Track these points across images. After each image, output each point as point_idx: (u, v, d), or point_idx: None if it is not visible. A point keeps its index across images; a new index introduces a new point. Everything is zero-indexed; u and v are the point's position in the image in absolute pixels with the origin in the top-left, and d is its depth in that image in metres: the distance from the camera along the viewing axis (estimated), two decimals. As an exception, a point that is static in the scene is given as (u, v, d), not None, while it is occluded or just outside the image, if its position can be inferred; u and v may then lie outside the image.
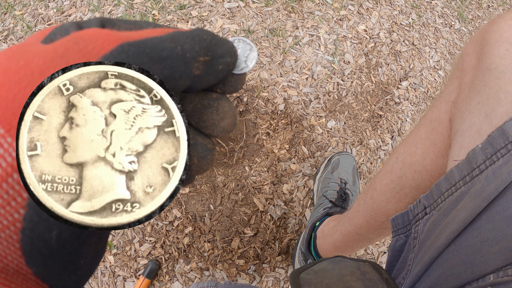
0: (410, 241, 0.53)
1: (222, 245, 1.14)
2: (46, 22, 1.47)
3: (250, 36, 1.41)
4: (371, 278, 0.43)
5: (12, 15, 1.49)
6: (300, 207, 1.20)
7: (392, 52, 1.47)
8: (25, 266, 0.20)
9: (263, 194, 1.19)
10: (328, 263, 0.50)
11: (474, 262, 0.39)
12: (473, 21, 1.66)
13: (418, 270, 0.47)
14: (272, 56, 1.38)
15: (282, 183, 1.22)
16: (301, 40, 1.43)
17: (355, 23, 1.50)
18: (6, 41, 1.44)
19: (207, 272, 1.12)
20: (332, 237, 0.94)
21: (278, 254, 1.15)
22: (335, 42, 1.44)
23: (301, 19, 1.47)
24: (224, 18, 1.44)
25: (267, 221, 1.17)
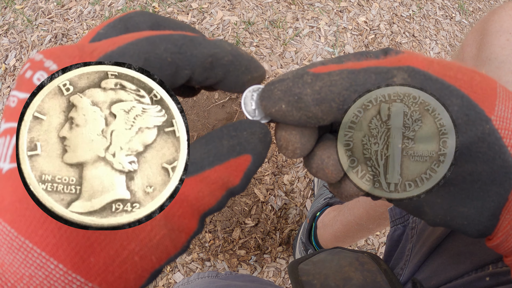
0: (408, 231, 0.53)
1: (223, 235, 1.15)
2: (46, 16, 1.46)
3: (250, 27, 1.40)
4: (370, 269, 0.44)
5: (12, 9, 1.48)
6: (300, 198, 1.21)
7: (392, 44, 1.46)
8: None
9: (264, 185, 1.20)
10: (327, 254, 0.50)
11: (473, 252, 0.39)
12: (473, 13, 1.64)
13: (417, 260, 0.47)
14: (273, 47, 1.38)
15: (282, 174, 1.22)
16: (301, 31, 1.42)
17: (355, 14, 1.49)
18: (6, 35, 1.44)
19: (208, 262, 1.13)
20: (333, 227, 0.94)
21: (279, 245, 1.16)
22: (335, 33, 1.43)
23: (301, 11, 1.46)
24: (224, 10, 1.43)
25: (268, 212, 1.17)
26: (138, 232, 0.19)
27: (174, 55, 0.21)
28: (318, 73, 0.23)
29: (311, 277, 0.44)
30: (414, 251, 0.49)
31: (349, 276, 0.43)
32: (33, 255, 0.18)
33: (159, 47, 0.21)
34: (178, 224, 0.20)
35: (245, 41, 1.39)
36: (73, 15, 1.46)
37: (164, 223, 0.20)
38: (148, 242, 0.20)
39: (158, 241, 0.20)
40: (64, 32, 1.43)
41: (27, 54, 1.41)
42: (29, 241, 0.18)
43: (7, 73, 1.39)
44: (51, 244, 0.18)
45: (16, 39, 1.43)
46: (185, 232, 0.21)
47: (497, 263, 0.37)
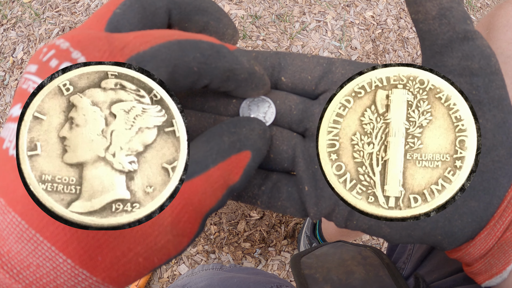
0: None
1: (228, 228, 1.15)
2: (53, 9, 1.46)
3: (257, 21, 1.39)
4: (372, 263, 0.43)
5: (20, 2, 1.49)
6: (306, 192, 1.20)
7: (399, 39, 1.45)
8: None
9: (269, 179, 1.20)
10: (330, 248, 0.50)
11: None
12: (481, 9, 1.62)
13: (419, 255, 0.47)
14: (279, 41, 1.37)
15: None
16: (308, 25, 1.41)
17: (363, 9, 1.48)
18: (14, 29, 1.44)
19: (213, 255, 1.14)
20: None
21: (283, 238, 1.16)
22: (342, 28, 1.42)
23: (308, 5, 1.45)
24: (231, 4, 1.42)
25: (273, 206, 1.17)
26: (145, 236, 0.20)
27: (200, 65, 0.21)
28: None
29: (313, 271, 0.44)
30: (417, 245, 0.49)
31: (351, 270, 0.43)
32: (43, 248, 0.18)
33: (188, 55, 0.21)
34: (183, 229, 0.21)
35: (252, 35, 1.38)
36: (80, 9, 1.46)
37: (170, 229, 0.20)
38: (153, 246, 0.20)
39: (162, 245, 0.20)
40: (72, 26, 1.43)
41: (34, 47, 1.41)
42: (40, 234, 0.18)
43: (14, 66, 1.39)
44: (61, 240, 0.18)
45: (23, 33, 1.44)
46: (187, 236, 0.21)
47: None
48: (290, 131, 0.25)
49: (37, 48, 1.40)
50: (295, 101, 0.25)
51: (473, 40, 0.22)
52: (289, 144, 0.25)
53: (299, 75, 0.25)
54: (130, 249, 0.20)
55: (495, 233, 0.22)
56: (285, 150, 0.25)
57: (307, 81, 0.25)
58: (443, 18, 0.22)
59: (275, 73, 0.26)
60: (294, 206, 0.25)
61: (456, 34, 0.22)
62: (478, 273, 0.24)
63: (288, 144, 0.25)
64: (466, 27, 0.22)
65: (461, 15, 0.23)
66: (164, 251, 0.21)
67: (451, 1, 0.22)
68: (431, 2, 0.22)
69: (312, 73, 0.25)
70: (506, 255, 0.22)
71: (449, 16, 0.22)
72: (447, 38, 0.22)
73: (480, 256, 0.23)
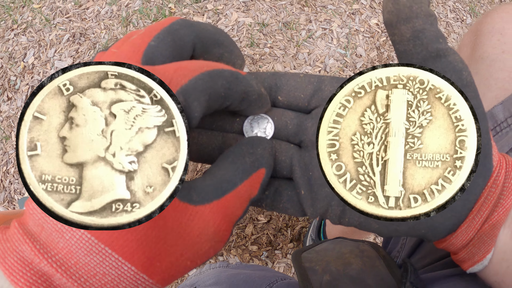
0: None
1: (236, 231, 1.15)
2: (64, 15, 1.48)
3: (264, 29, 1.40)
4: (369, 255, 0.45)
5: (30, 8, 1.51)
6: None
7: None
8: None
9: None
10: (329, 244, 0.51)
11: None
12: (485, 15, 1.61)
13: (413, 243, 0.49)
14: (286, 49, 1.38)
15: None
16: (314, 33, 1.41)
17: (367, 17, 1.48)
18: (24, 34, 1.46)
19: (221, 257, 1.14)
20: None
21: (290, 241, 1.16)
22: (348, 35, 1.42)
23: (314, 13, 1.45)
24: (239, 12, 1.43)
25: (281, 210, 1.17)
26: (194, 243, 0.23)
27: (226, 91, 0.24)
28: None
29: (314, 264, 0.45)
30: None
31: (349, 261, 0.44)
32: (110, 259, 0.20)
33: (217, 83, 0.23)
34: (221, 236, 0.24)
35: (259, 42, 1.39)
36: (90, 15, 1.48)
37: (213, 237, 0.23)
38: (199, 251, 0.23)
39: (206, 250, 0.23)
40: (82, 32, 1.45)
41: (45, 53, 1.42)
42: (109, 247, 0.20)
43: (25, 71, 1.41)
44: (128, 252, 0.20)
45: (34, 38, 1.45)
46: (223, 241, 0.24)
47: None
48: (288, 142, 0.28)
49: (48, 54, 1.42)
50: (290, 117, 0.28)
51: (446, 57, 0.24)
52: (287, 154, 0.28)
53: (293, 93, 0.28)
54: (182, 255, 0.22)
55: (474, 225, 0.24)
56: (284, 160, 0.28)
57: (300, 98, 0.28)
58: (417, 39, 0.24)
59: (272, 92, 0.29)
60: (294, 207, 0.28)
61: (429, 53, 0.24)
62: (463, 260, 0.27)
63: (286, 154, 0.28)
64: (438, 46, 0.25)
65: (433, 35, 0.25)
66: (206, 254, 0.24)
67: (424, 23, 0.25)
68: (405, 26, 0.24)
69: (304, 92, 0.28)
70: (486, 245, 0.25)
71: (422, 38, 0.24)
72: (421, 57, 0.24)
73: (463, 245, 0.26)
